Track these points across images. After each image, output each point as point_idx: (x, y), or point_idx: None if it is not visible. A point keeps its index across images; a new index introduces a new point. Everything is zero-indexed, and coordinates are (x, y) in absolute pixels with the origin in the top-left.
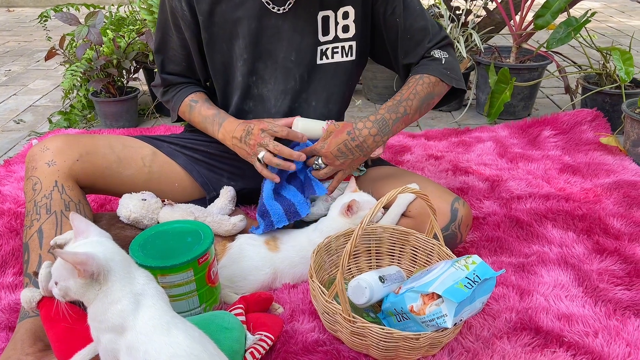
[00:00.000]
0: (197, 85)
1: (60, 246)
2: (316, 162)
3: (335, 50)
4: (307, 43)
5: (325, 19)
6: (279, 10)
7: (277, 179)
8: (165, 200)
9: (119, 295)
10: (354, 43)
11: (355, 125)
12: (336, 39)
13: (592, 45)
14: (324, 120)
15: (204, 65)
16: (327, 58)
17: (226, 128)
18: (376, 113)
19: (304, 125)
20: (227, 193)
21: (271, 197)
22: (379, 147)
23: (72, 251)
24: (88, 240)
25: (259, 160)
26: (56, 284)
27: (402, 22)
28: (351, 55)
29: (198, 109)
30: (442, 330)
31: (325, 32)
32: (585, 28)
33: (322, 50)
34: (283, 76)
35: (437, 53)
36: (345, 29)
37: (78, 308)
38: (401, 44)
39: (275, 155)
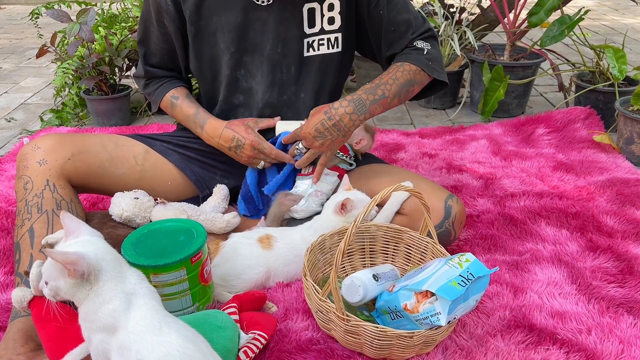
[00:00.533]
0: (179, 80)
1: (51, 245)
2: (297, 148)
3: (321, 42)
4: (293, 35)
5: (311, 11)
6: (264, 2)
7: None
8: (158, 198)
9: (110, 294)
10: (339, 35)
11: (332, 105)
12: (322, 31)
13: (586, 43)
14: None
15: (187, 60)
16: (314, 50)
17: (209, 132)
18: (353, 94)
19: (285, 127)
20: (220, 191)
21: (256, 185)
22: (356, 127)
23: (62, 251)
24: (79, 239)
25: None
26: (46, 283)
27: (385, 14)
28: (337, 47)
29: (179, 106)
30: (436, 328)
31: (312, 24)
32: (579, 26)
33: (308, 42)
34: (270, 69)
35: (419, 43)
36: (331, 20)
37: (69, 308)
38: (385, 36)
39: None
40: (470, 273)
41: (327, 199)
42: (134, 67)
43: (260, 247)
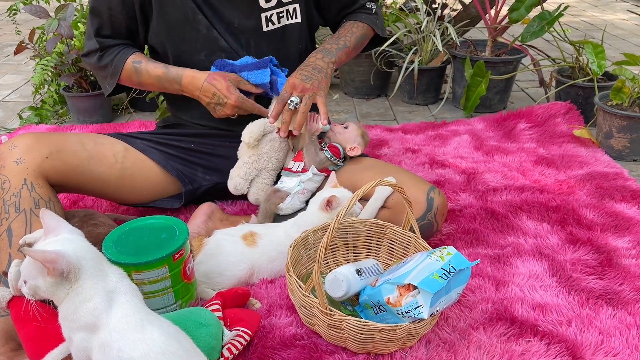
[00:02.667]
0: (133, 47)
1: (30, 245)
2: (290, 101)
3: (280, 15)
4: (249, 10)
5: None
6: None
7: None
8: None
9: (90, 293)
10: (297, 5)
11: (301, 64)
12: (279, 4)
13: (566, 39)
14: None
15: (146, 26)
16: (274, 24)
17: (188, 85)
18: (317, 49)
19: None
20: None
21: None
22: (331, 69)
23: (41, 249)
24: (58, 237)
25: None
26: (25, 282)
27: None
28: (296, 18)
29: (144, 69)
30: (418, 322)
31: None
32: (559, 22)
33: (266, 17)
34: (234, 41)
35: (367, 4)
36: None
37: (49, 307)
38: (337, 2)
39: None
40: (451, 266)
41: (312, 196)
42: None
43: (244, 244)
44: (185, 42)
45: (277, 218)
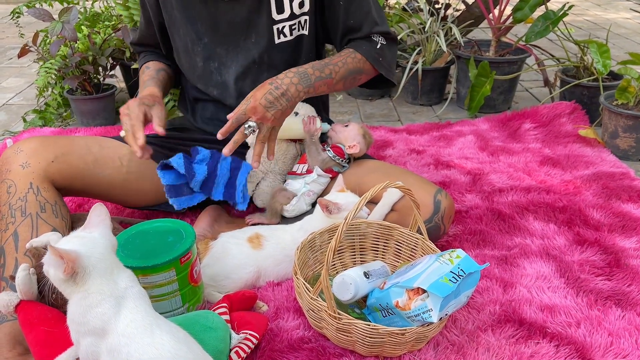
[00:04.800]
0: (164, 57)
1: (37, 249)
2: (249, 126)
3: (293, 27)
4: (263, 23)
5: None
6: None
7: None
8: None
9: (98, 298)
10: (308, 17)
11: (277, 77)
12: (292, 16)
13: (570, 38)
14: None
15: (168, 46)
16: (285, 36)
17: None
18: (299, 67)
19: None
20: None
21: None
22: (301, 98)
23: (63, 248)
24: (85, 234)
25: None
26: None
27: (345, 4)
28: (305, 29)
29: (142, 73)
30: (427, 325)
31: (280, 10)
32: (563, 21)
33: (278, 29)
34: (244, 58)
35: (376, 37)
36: (301, 4)
37: (57, 311)
38: (344, 24)
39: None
40: (461, 269)
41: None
42: (118, 66)
43: (250, 246)
44: (189, 71)
45: (283, 220)
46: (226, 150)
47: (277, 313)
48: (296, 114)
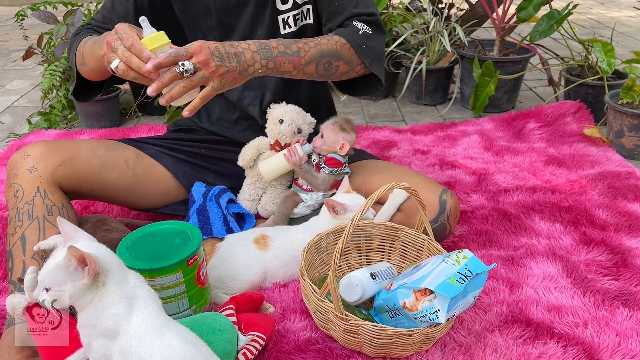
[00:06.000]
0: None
1: (45, 252)
2: (182, 64)
3: (297, 17)
4: (268, 14)
5: None
6: None
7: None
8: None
9: (113, 299)
10: (310, 6)
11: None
12: (295, 5)
13: (575, 37)
14: None
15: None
16: (290, 27)
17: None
18: (263, 40)
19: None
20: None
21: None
22: (257, 70)
23: (82, 250)
24: (81, 244)
25: (112, 71)
26: (47, 290)
27: None
28: (309, 19)
29: (84, 42)
30: (435, 326)
31: (284, 0)
32: (567, 20)
33: (283, 19)
34: None
35: (357, 24)
36: None
37: (65, 313)
38: (327, 8)
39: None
40: (468, 270)
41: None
42: None
43: (256, 247)
44: None
45: (290, 221)
46: (150, 90)
47: (283, 314)
48: (281, 121)
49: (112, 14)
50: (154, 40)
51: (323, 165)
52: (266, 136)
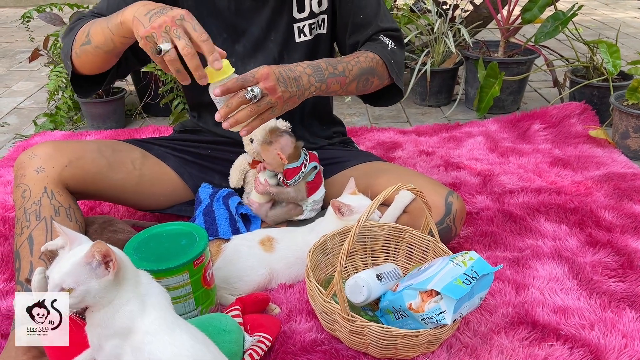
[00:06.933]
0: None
1: (52, 252)
2: (251, 89)
3: (312, 26)
4: (284, 21)
5: None
6: None
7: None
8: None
9: (129, 296)
10: (326, 16)
11: (288, 64)
12: (312, 15)
13: (580, 38)
14: None
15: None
16: (305, 35)
17: (129, 9)
18: (311, 61)
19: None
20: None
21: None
22: (312, 92)
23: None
24: (84, 246)
25: (158, 52)
26: (69, 291)
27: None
28: (324, 29)
29: (93, 22)
30: (441, 327)
31: (301, 8)
32: (572, 21)
33: (299, 27)
34: (263, 57)
35: (384, 39)
36: (320, 3)
37: (72, 314)
38: (352, 21)
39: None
40: (474, 271)
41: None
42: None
43: (262, 249)
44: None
45: (293, 222)
46: (218, 116)
47: (289, 315)
48: (252, 140)
49: (120, 5)
50: (220, 73)
51: (286, 180)
52: None
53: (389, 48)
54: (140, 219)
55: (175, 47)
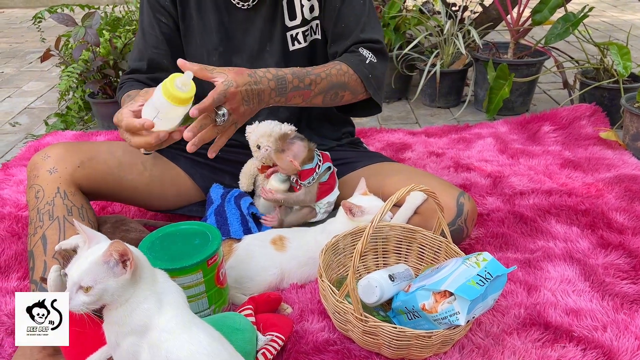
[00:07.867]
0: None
1: (67, 251)
2: (222, 114)
3: (306, 33)
4: (277, 31)
5: (290, 3)
6: (243, 6)
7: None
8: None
9: (146, 294)
10: (319, 22)
11: (256, 71)
12: (304, 22)
13: (590, 40)
14: None
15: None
16: (299, 43)
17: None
18: (279, 69)
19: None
20: None
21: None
22: (269, 104)
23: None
24: (102, 244)
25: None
26: (87, 290)
27: (340, 6)
28: (319, 34)
29: (127, 96)
30: (454, 328)
31: (292, 16)
32: (583, 23)
33: (292, 35)
34: (260, 67)
35: (364, 51)
36: (312, 8)
37: (88, 312)
38: (333, 30)
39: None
40: (488, 272)
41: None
42: None
43: (274, 248)
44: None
45: (307, 224)
46: (192, 147)
47: (301, 315)
48: (259, 146)
49: (145, 47)
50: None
51: (300, 182)
52: None
53: (367, 61)
54: (151, 219)
55: None
